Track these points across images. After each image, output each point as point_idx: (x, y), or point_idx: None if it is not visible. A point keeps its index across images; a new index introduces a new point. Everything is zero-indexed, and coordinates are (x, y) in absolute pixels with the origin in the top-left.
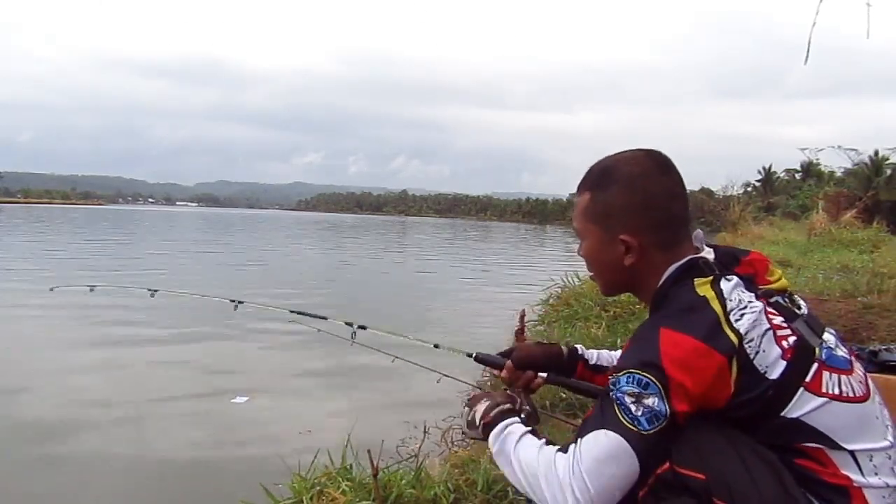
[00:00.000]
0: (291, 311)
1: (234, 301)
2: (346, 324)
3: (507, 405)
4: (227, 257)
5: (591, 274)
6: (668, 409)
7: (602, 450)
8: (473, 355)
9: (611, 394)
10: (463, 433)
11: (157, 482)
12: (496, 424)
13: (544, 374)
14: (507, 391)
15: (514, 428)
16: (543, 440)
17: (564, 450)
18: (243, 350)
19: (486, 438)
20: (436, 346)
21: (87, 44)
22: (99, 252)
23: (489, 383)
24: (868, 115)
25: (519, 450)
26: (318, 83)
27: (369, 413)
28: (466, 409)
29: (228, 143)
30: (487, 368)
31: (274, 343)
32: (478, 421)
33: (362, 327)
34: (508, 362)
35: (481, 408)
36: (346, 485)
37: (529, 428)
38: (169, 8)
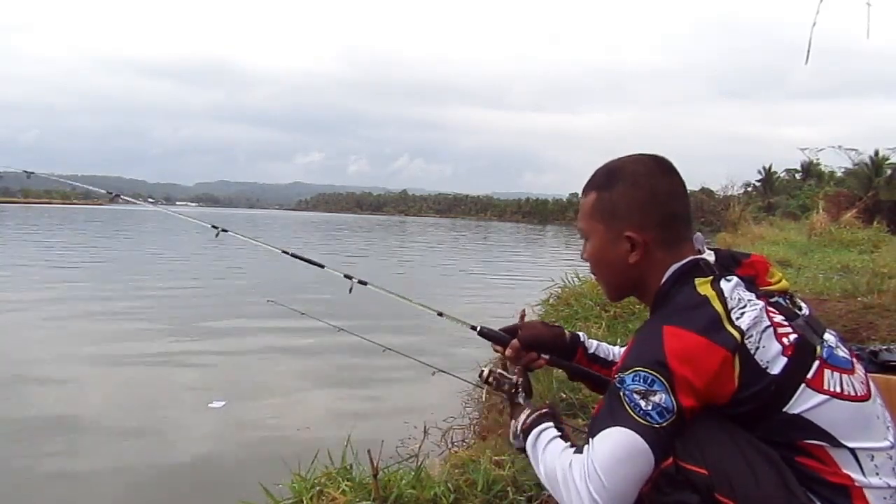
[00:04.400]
0: (284, 252)
1: (216, 227)
2: (346, 276)
3: (544, 410)
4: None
5: (596, 278)
6: (675, 404)
7: (617, 446)
8: (478, 328)
9: (618, 392)
10: (510, 445)
11: (157, 482)
12: (532, 429)
13: (546, 356)
14: (505, 368)
15: (545, 433)
16: (569, 443)
17: (580, 451)
18: (239, 349)
19: (525, 440)
20: (440, 314)
21: (91, 45)
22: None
23: (490, 378)
24: (868, 115)
25: (546, 454)
26: (319, 84)
27: (369, 413)
28: (512, 421)
29: (229, 144)
30: (488, 366)
31: (272, 342)
32: (519, 429)
33: (362, 282)
34: (514, 341)
35: (522, 417)
36: (346, 485)
37: (560, 433)
38: (174, 9)
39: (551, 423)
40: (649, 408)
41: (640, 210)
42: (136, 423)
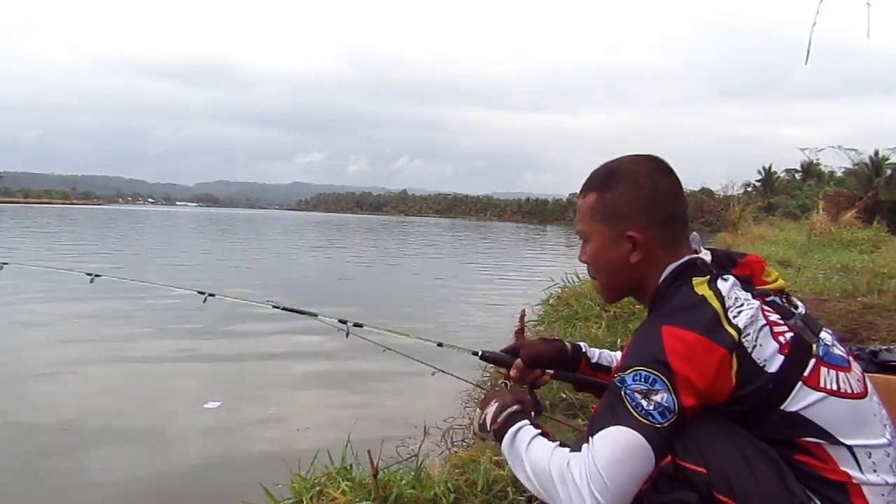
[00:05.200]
0: (275, 307)
1: (203, 293)
2: (340, 321)
3: (516, 407)
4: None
5: (594, 279)
6: (676, 404)
7: (618, 446)
8: (479, 354)
9: (619, 391)
10: (475, 434)
11: (155, 484)
12: (506, 430)
13: (551, 371)
14: (512, 387)
15: (524, 432)
16: (556, 442)
17: (577, 449)
18: (238, 349)
19: (498, 442)
20: (439, 344)
21: (91, 45)
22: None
23: (488, 383)
24: (868, 115)
25: (530, 454)
26: (319, 84)
27: (369, 413)
28: (478, 410)
29: (229, 144)
30: (488, 366)
31: (271, 342)
32: (488, 425)
33: (358, 325)
34: (518, 361)
35: (490, 410)
36: (346, 485)
37: (540, 430)
38: (174, 9)
39: (527, 421)
40: (651, 407)
41: (641, 209)
42: (132, 425)
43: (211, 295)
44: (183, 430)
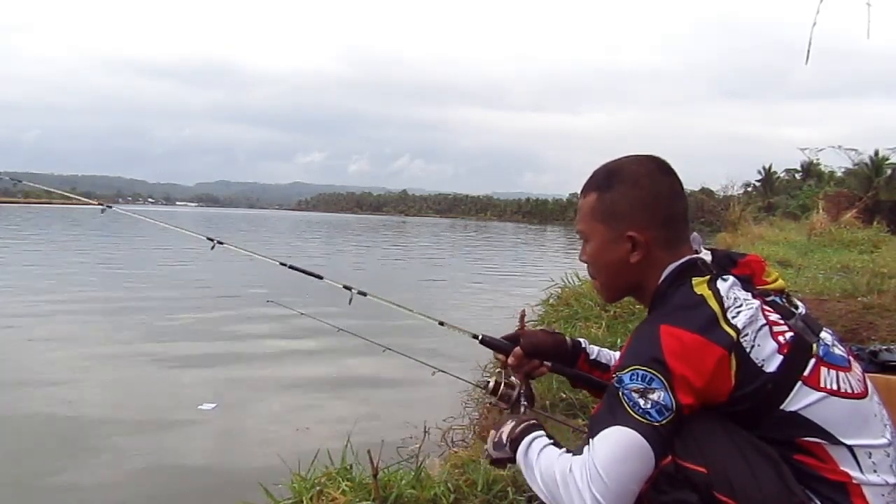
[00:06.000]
0: (282, 264)
1: (211, 239)
2: (346, 287)
3: (532, 421)
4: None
5: (594, 279)
6: (674, 402)
7: (618, 446)
8: (479, 337)
9: (617, 391)
10: (488, 456)
11: (157, 482)
12: (522, 439)
13: (548, 363)
14: (509, 376)
15: (537, 442)
16: (564, 449)
17: (579, 452)
18: (239, 350)
19: (514, 455)
20: (441, 323)
21: (91, 45)
22: None
23: (488, 384)
24: (868, 115)
25: (541, 460)
26: (319, 84)
27: (369, 413)
28: (493, 431)
29: (230, 144)
30: (488, 366)
31: (272, 343)
32: (505, 439)
33: (362, 293)
34: (517, 349)
35: (507, 427)
36: (346, 485)
37: (552, 441)
38: (174, 9)
39: (542, 432)
40: (648, 406)
41: (641, 210)
42: (131, 426)
43: (220, 243)
44: (182, 432)
